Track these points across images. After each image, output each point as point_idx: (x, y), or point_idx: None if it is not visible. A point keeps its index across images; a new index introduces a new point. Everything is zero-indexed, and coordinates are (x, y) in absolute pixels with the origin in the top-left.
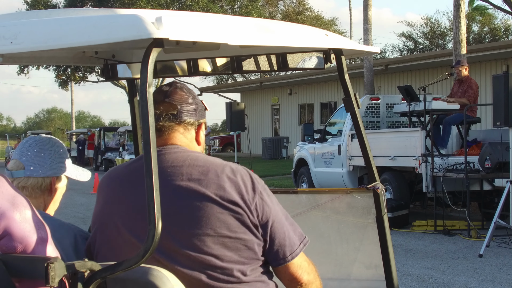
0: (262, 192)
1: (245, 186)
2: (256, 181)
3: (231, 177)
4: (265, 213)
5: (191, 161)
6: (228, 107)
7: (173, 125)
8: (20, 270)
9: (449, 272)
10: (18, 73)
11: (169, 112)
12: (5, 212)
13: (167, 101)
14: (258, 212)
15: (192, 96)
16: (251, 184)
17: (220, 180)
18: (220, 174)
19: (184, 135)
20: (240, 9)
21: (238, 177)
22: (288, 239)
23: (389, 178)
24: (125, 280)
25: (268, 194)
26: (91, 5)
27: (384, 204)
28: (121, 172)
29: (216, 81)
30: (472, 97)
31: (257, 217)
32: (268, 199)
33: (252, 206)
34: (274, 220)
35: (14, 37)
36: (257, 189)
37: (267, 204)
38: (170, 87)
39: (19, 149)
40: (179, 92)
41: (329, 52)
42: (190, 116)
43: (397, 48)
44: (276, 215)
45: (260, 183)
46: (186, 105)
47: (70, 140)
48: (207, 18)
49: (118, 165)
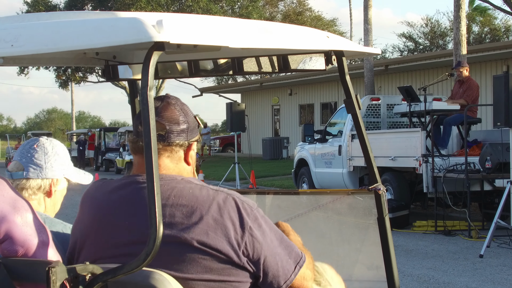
0: (252, 227)
1: (233, 225)
2: (245, 215)
3: (217, 218)
4: (256, 251)
5: (174, 199)
6: (228, 108)
7: (160, 147)
8: (21, 273)
9: (450, 273)
10: (18, 74)
11: (157, 132)
12: (6, 215)
13: (156, 120)
14: (248, 252)
15: (185, 113)
16: (239, 221)
17: (204, 224)
18: (204, 215)
19: (170, 158)
20: (240, 10)
21: (225, 217)
22: (282, 269)
23: (389, 178)
24: (126, 283)
25: (259, 225)
26: (92, 5)
27: (386, 205)
28: (104, 199)
29: (216, 82)
30: (471, 97)
31: (247, 256)
32: (259, 233)
33: (241, 247)
34: (266, 255)
35: (15, 40)
36: (247, 226)
37: (258, 241)
38: (161, 102)
39: (20, 151)
40: (171, 109)
41: (330, 53)
42: (179, 137)
43: (397, 49)
44: (268, 248)
45: (251, 214)
46: (176, 125)
47: (70, 141)
48: (208, 20)
49: (103, 184)
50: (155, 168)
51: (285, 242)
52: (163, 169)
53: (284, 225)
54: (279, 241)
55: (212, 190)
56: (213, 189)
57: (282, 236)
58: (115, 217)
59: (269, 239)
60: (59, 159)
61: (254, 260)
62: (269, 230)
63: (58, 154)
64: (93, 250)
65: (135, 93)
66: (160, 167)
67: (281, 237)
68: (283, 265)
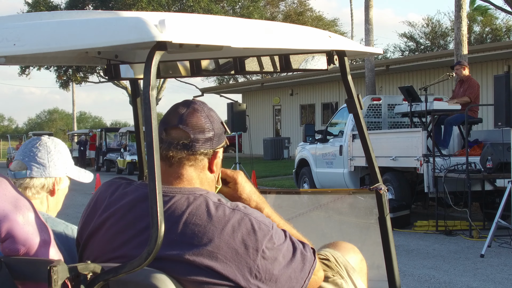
0: (265, 249)
1: (247, 249)
2: (260, 237)
3: (229, 241)
4: (268, 273)
5: (189, 216)
6: (229, 108)
7: (183, 156)
8: (23, 272)
9: (451, 272)
10: (19, 74)
11: (181, 141)
12: (8, 214)
13: (181, 128)
14: (260, 275)
15: (211, 120)
16: (253, 244)
17: (215, 247)
18: (216, 237)
19: (194, 167)
20: (242, 10)
21: (237, 240)
22: (296, 281)
23: (390, 178)
24: (127, 282)
25: (272, 246)
26: (93, 5)
27: (387, 205)
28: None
29: (217, 82)
30: (473, 95)
31: (259, 279)
32: (272, 254)
33: (253, 273)
34: (278, 277)
35: (17, 39)
36: (260, 248)
37: (271, 263)
38: (187, 108)
39: (22, 150)
40: (196, 116)
41: (332, 53)
42: (204, 146)
43: (398, 49)
44: (280, 269)
45: (268, 235)
46: (201, 133)
47: (71, 141)
48: (210, 20)
49: (125, 183)
50: (157, 167)
51: (298, 256)
52: (185, 180)
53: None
54: (292, 255)
55: (229, 210)
56: (230, 208)
57: (295, 247)
58: (123, 219)
59: (282, 257)
60: (61, 157)
61: (266, 281)
62: (281, 250)
63: (61, 152)
64: (97, 248)
65: (137, 92)
66: (182, 176)
67: (294, 249)
68: (297, 278)
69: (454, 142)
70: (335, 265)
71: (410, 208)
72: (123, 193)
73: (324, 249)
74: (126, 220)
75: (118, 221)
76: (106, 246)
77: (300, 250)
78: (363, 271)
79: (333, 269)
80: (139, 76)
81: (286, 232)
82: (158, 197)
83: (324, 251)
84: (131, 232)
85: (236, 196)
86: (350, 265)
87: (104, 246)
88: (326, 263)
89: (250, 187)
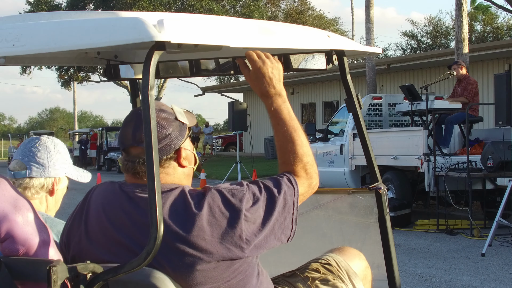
0: (246, 213)
1: (227, 219)
2: (236, 202)
3: (210, 220)
4: (258, 231)
5: (170, 209)
6: (230, 107)
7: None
8: (22, 272)
9: (452, 271)
10: (20, 74)
11: (142, 157)
12: (8, 214)
13: (135, 146)
14: (251, 237)
15: (162, 124)
16: (232, 211)
17: (199, 229)
18: (198, 221)
19: (164, 173)
20: (242, 9)
21: (217, 214)
22: (284, 219)
23: (391, 177)
24: (127, 282)
25: (250, 206)
26: (94, 4)
27: (386, 204)
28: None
29: (218, 81)
30: (471, 94)
31: (252, 242)
32: (253, 214)
33: (243, 238)
34: (268, 228)
35: (16, 39)
36: (241, 213)
37: (255, 221)
38: (135, 123)
39: (21, 150)
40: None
41: (331, 53)
42: (165, 151)
43: (400, 47)
44: (267, 221)
45: (243, 199)
46: (159, 142)
47: (72, 140)
48: (208, 20)
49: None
50: (156, 167)
51: (277, 192)
52: (164, 177)
53: None
54: (272, 198)
55: (201, 192)
56: (202, 190)
57: (272, 190)
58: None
59: (263, 210)
60: (61, 157)
61: (259, 239)
62: (261, 199)
63: (60, 152)
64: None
65: (137, 92)
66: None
67: (271, 192)
68: (284, 215)
69: (455, 141)
70: (336, 269)
71: (411, 207)
72: None
73: (328, 254)
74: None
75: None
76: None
77: (278, 191)
78: (367, 278)
79: (334, 273)
80: (139, 76)
81: (258, 182)
82: (157, 196)
83: (326, 256)
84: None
85: None
86: (352, 270)
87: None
88: (328, 267)
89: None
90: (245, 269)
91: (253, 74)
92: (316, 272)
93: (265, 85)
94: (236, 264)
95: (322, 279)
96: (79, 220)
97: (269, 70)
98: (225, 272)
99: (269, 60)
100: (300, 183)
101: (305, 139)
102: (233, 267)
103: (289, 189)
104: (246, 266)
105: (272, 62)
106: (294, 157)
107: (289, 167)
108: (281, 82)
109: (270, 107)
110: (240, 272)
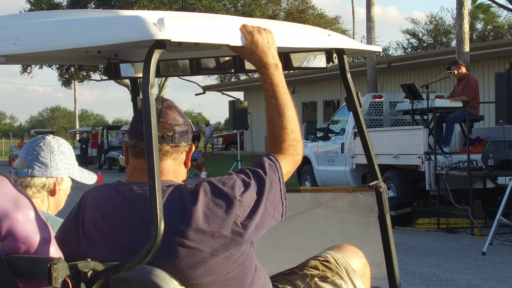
0: (239, 198)
1: (222, 207)
2: (228, 191)
3: (205, 211)
4: (253, 213)
5: (166, 204)
6: (231, 106)
7: (169, 149)
8: (23, 270)
9: (452, 270)
10: (21, 73)
11: (165, 134)
12: (8, 212)
13: (161, 121)
14: (247, 220)
15: (183, 116)
16: (226, 199)
17: (196, 222)
18: (194, 214)
19: (175, 160)
20: (243, 8)
21: (211, 205)
22: (275, 194)
23: (392, 176)
24: (127, 280)
25: (242, 191)
26: (94, 3)
27: (386, 203)
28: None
29: (219, 80)
30: (471, 92)
31: (249, 226)
32: (247, 198)
33: (238, 224)
34: (262, 208)
35: (16, 38)
36: (235, 199)
37: (250, 204)
38: (161, 104)
39: (26, 148)
40: (172, 111)
41: (331, 51)
42: (183, 138)
43: (401, 46)
44: (260, 202)
45: (235, 185)
46: (179, 126)
47: (73, 139)
48: (209, 19)
49: (108, 190)
50: (156, 165)
51: (263, 174)
52: (165, 173)
53: None
54: (261, 181)
55: (195, 187)
56: (195, 185)
57: (260, 173)
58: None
59: (255, 192)
60: (64, 158)
61: (255, 221)
62: (251, 182)
63: (64, 153)
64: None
65: (137, 91)
66: (164, 170)
67: (260, 175)
68: (274, 192)
69: (455, 139)
70: (335, 267)
71: (411, 205)
72: None
73: (327, 251)
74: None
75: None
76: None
77: (264, 171)
78: (366, 275)
79: (332, 270)
80: (139, 74)
81: (244, 169)
82: (157, 194)
83: (325, 253)
84: None
85: None
86: (351, 267)
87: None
88: (326, 264)
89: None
90: (243, 260)
91: (249, 46)
92: (315, 269)
93: (263, 55)
94: (236, 255)
95: (321, 276)
96: (75, 226)
97: (265, 40)
98: (225, 264)
99: (263, 30)
100: (287, 159)
101: (295, 115)
102: (232, 258)
103: (271, 167)
104: (245, 257)
105: (267, 32)
106: (284, 132)
107: (277, 142)
108: (276, 53)
109: (267, 79)
110: (239, 264)
